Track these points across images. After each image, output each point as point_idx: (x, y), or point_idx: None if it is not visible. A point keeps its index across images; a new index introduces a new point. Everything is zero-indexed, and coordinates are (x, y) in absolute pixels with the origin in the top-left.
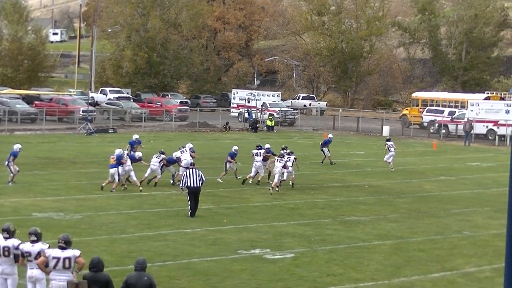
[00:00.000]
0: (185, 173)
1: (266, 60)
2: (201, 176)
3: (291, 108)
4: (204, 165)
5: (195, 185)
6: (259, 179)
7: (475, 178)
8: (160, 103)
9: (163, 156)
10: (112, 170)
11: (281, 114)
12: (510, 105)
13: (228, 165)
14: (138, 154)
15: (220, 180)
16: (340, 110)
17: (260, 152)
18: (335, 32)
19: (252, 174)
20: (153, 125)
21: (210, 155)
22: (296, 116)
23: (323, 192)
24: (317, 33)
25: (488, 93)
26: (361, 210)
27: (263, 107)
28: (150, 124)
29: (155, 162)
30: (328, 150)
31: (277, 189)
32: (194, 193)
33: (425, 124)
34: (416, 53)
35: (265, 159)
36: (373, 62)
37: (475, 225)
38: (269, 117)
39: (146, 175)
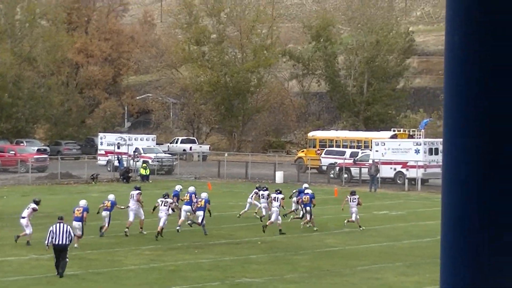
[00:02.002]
0: (51, 228)
1: (137, 98)
2: (69, 232)
3: (169, 154)
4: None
5: (62, 243)
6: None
7: (384, 229)
8: (13, 152)
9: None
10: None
11: (157, 161)
12: (420, 144)
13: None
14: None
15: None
16: (226, 154)
17: (278, 197)
18: (217, 64)
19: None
20: (6, 178)
21: None
22: (174, 163)
23: (208, 250)
24: (196, 65)
25: (394, 131)
26: (254, 270)
27: (136, 154)
28: (2, 176)
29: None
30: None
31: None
32: (60, 252)
33: (324, 168)
34: (311, 86)
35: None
36: (262, 98)
37: (386, 283)
38: (143, 164)
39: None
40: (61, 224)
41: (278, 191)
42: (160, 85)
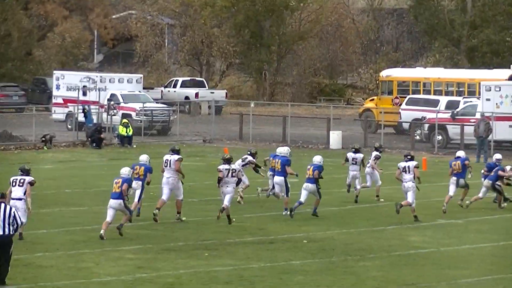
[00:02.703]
0: None
1: (114, 17)
2: (15, 216)
3: (163, 104)
4: None
5: (4, 233)
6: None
7: (499, 220)
8: None
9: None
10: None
11: (145, 115)
12: None
13: None
14: None
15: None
16: (252, 105)
17: (409, 166)
18: None
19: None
20: None
21: None
22: (171, 118)
23: (226, 253)
24: None
25: None
26: (298, 283)
27: (112, 103)
28: None
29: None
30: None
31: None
32: (0, 246)
33: (406, 126)
34: (386, 1)
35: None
36: (309, 18)
37: None
38: (124, 120)
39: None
40: (2, 206)
41: (409, 157)
42: None
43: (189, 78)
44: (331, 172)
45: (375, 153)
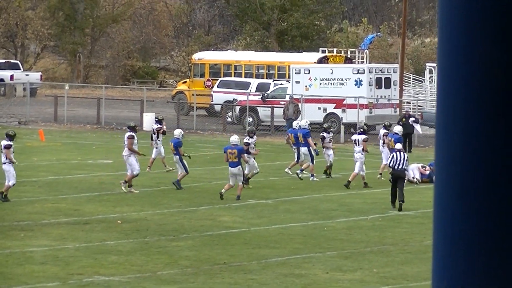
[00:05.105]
0: None
1: None
2: None
3: None
4: None
5: None
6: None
7: (307, 200)
8: None
9: None
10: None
11: None
12: (363, 71)
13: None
14: None
15: None
16: (67, 87)
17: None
18: None
19: None
20: None
21: None
22: None
23: (42, 233)
24: None
25: (324, 51)
26: (113, 263)
27: None
28: None
29: None
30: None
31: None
32: None
33: (218, 108)
34: None
35: None
36: (122, 1)
37: (313, 282)
38: None
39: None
40: None
41: (361, 130)
42: None
43: (4, 61)
44: (146, 152)
45: (383, 130)
